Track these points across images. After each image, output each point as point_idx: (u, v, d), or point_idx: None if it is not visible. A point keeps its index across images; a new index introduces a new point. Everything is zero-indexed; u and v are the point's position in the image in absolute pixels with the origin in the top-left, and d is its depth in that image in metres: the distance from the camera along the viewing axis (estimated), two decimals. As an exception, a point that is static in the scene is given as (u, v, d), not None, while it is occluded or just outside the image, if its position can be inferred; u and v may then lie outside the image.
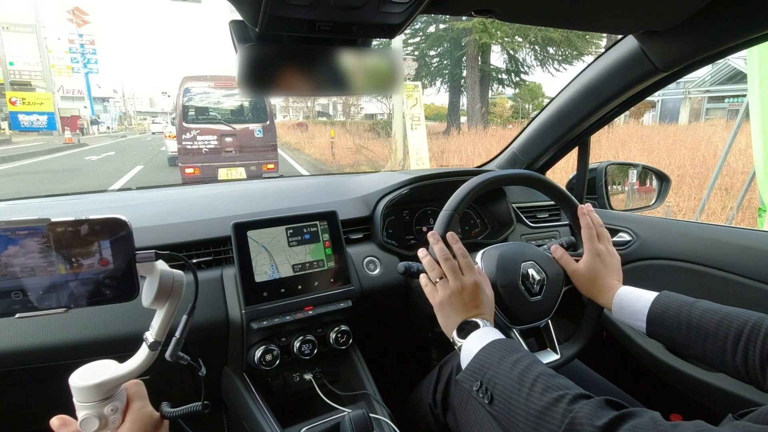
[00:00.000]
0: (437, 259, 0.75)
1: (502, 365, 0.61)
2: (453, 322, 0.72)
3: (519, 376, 0.58)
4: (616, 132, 10.73)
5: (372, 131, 16.56)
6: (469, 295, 0.73)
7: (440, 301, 0.74)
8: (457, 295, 0.72)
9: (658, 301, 0.73)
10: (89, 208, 1.20)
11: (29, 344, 0.81)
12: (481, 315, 0.72)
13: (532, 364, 0.59)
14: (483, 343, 0.65)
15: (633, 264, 1.19)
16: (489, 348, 0.65)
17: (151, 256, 0.50)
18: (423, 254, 0.78)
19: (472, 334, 0.69)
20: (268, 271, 0.94)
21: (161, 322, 0.54)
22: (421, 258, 0.78)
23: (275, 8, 0.53)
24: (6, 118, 21.59)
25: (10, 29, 23.37)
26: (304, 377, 1.03)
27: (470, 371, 0.64)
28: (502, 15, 0.71)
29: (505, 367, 0.60)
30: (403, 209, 1.31)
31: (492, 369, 0.61)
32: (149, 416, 0.55)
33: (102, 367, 0.53)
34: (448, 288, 0.73)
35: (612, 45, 1.04)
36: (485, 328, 0.69)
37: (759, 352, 0.60)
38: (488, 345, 0.65)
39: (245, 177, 6.31)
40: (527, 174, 0.92)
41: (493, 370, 0.61)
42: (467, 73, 16.72)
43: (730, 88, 17.76)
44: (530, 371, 0.58)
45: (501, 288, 0.81)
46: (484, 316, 0.72)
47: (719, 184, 5.09)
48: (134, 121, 55.41)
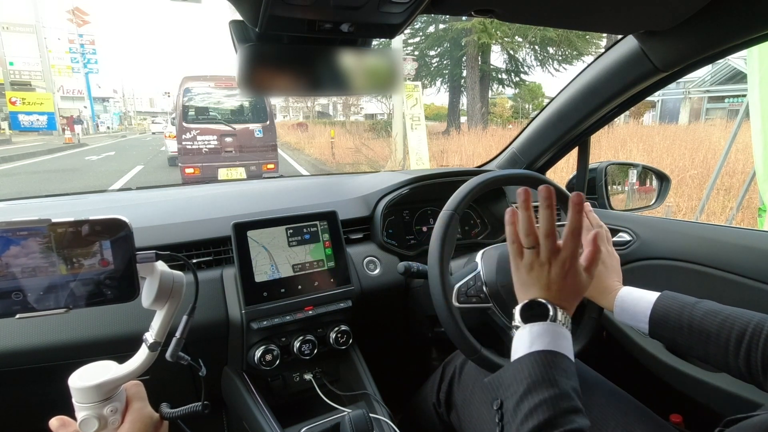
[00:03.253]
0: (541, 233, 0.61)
1: (522, 403, 0.53)
2: (525, 295, 0.62)
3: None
4: (616, 132, 10.72)
5: (372, 131, 16.57)
6: (558, 273, 0.61)
7: (526, 268, 0.62)
8: (543, 267, 0.61)
9: (660, 303, 0.73)
10: (89, 208, 1.20)
11: (29, 344, 0.80)
12: (560, 301, 0.61)
13: (552, 420, 0.50)
14: (533, 347, 0.57)
15: (633, 264, 1.19)
16: (530, 360, 0.55)
17: (151, 256, 0.50)
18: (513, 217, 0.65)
19: (531, 324, 0.59)
20: (268, 271, 0.94)
21: (161, 323, 0.54)
22: (512, 222, 0.64)
23: (275, 8, 0.53)
24: (6, 118, 21.60)
25: (10, 29, 23.37)
26: (304, 377, 1.03)
27: (497, 383, 0.57)
28: (501, 15, 0.71)
29: (522, 409, 0.52)
30: (403, 209, 1.31)
31: (513, 399, 0.54)
32: (149, 417, 0.55)
33: (101, 367, 0.53)
34: (537, 258, 0.61)
35: (612, 45, 1.04)
36: (548, 324, 0.58)
37: (761, 354, 0.60)
38: (533, 354, 0.56)
39: (245, 177, 6.31)
40: (527, 174, 0.92)
41: (513, 401, 0.54)
42: (467, 73, 16.71)
43: (730, 88, 17.75)
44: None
45: (501, 288, 0.81)
46: (560, 305, 0.60)
47: (719, 184, 5.10)
48: (134, 121, 55.43)
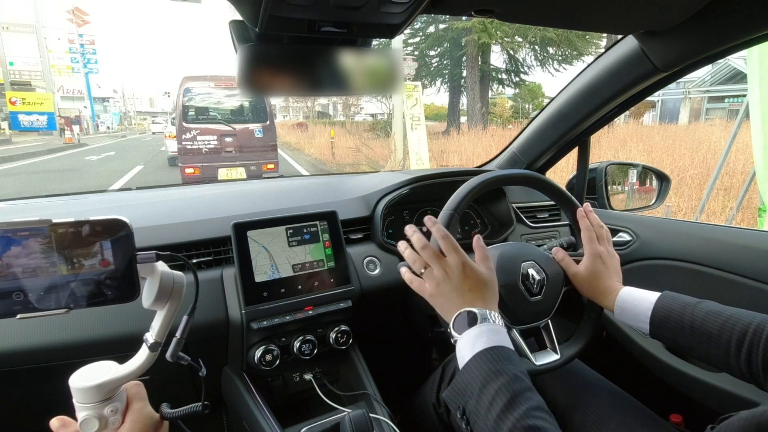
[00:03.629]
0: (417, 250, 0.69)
1: (482, 398, 0.56)
2: (449, 313, 0.65)
3: (495, 421, 0.53)
4: (616, 132, 10.72)
5: (372, 131, 16.56)
6: (459, 278, 0.65)
7: (430, 294, 0.67)
8: (445, 282, 0.66)
9: (661, 303, 0.73)
10: (89, 208, 1.20)
11: (29, 344, 0.81)
12: (479, 302, 0.65)
13: (512, 400, 0.54)
14: (474, 349, 0.60)
15: (633, 264, 1.19)
16: (476, 362, 0.59)
17: (151, 257, 0.50)
18: (403, 247, 0.72)
19: (466, 332, 0.62)
20: (268, 271, 0.94)
21: (161, 323, 0.54)
22: (402, 251, 0.72)
23: (275, 8, 0.53)
24: (6, 118, 21.59)
25: (10, 29, 23.36)
26: (304, 377, 1.03)
27: (454, 393, 0.59)
28: (501, 15, 0.71)
29: (483, 403, 0.55)
30: (403, 209, 1.31)
31: (473, 399, 0.57)
32: (149, 417, 0.55)
33: (102, 368, 0.53)
34: (434, 277, 0.67)
35: (612, 45, 1.04)
36: (480, 326, 0.62)
37: (762, 354, 0.60)
38: (476, 356, 0.59)
39: (245, 177, 6.31)
40: (527, 174, 0.92)
41: (473, 401, 0.56)
42: (467, 73, 16.72)
43: (730, 88, 17.76)
44: (508, 413, 0.52)
45: (501, 288, 0.81)
46: (484, 303, 0.65)
47: (719, 184, 5.09)
48: (134, 121, 55.44)
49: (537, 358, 0.82)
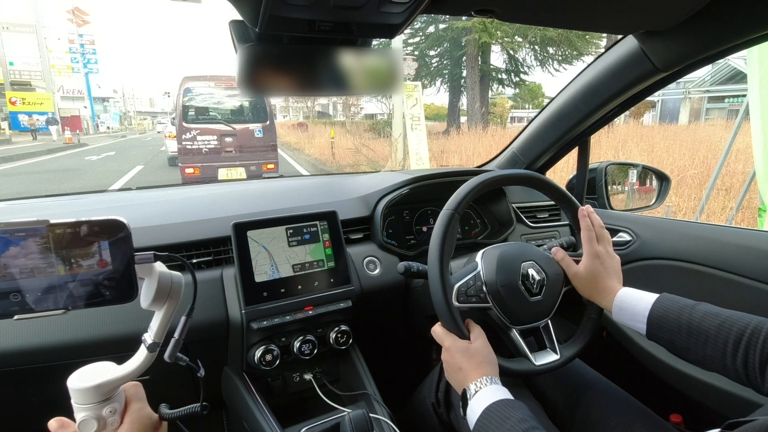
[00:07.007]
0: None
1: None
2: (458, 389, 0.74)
3: None
4: (616, 132, 10.72)
5: (372, 131, 16.56)
6: (451, 361, 0.74)
7: (447, 376, 0.77)
8: (449, 364, 0.75)
9: (659, 304, 0.73)
10: (89, 209, 1.20)
11: (27, 344, 0.80)
12: (475, 376, 0.71)
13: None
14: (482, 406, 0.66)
15: (633, 264, 1.19)
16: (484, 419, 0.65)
17: (149, 257, 0.50)
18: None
19: (470, 403, 0.69)
20: (268, 271, 0.94)
21: (160, 324, 0.54)
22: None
23: (275, 8, 0.53)
24: (6, 118, 21.59)
25: (10, 29, 23.38)
26: (304, 377, 1.03)
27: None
28: (501, 15, 0.71)
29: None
30: (403, 209, 1.31)
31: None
32: (148, 418, 0.55)
33: (100, 368, 0.53)
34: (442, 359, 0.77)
35: (612, 45, 1.04)
36: (480, 393, 0.68)
37: (759, 356, 0.60)
38: (483, 414, 0.65)
39: (245, 177, 6.31)
40: (527, 174, 0.91)
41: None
42: (467, 73, 16.70)
43: (730, 88, 17.75)
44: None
45: (501, 288, 0.81)
46: (478, 377, 0.71)
47: (719, 184, 5.09)
48: (134, 121, 55.44)
49: (537, 358, 0.82)
